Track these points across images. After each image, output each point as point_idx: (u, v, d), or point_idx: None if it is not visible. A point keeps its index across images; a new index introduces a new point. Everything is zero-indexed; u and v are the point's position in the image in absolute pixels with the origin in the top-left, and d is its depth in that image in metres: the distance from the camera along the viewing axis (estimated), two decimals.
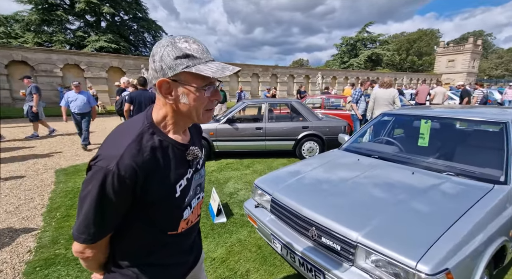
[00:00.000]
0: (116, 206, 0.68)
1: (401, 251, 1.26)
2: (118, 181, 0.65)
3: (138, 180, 0.68)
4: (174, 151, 0.77)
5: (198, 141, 0.93)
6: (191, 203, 0.85)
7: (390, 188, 1.92)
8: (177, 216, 0.81)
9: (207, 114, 0.77)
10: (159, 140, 0.74)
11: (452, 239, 1.29)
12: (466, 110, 2.65)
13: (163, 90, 0.71)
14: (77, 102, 5.73)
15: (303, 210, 1.76)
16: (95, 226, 0.68)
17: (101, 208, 0.66)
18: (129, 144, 0.68)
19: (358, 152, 2.67)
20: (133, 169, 0.66)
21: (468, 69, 37.27)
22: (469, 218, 1.43)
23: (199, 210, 0.94)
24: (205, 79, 0.70)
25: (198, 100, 0.72)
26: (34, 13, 19.82)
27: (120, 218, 0.72)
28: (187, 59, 0.67)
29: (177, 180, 0.77)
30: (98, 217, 0.67)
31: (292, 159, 5.43)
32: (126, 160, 0.66)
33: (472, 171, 1.93)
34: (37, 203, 3.33)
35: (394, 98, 5.19)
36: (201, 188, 0.92)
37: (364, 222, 1.49)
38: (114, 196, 0.66)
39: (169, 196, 0.76)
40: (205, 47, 0.72)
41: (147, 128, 0.74)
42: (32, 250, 2.38)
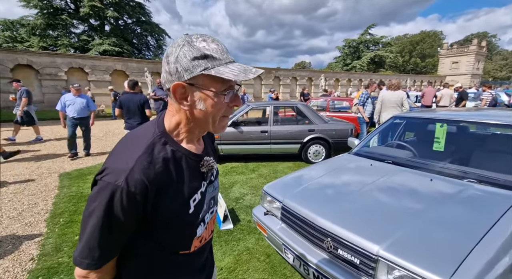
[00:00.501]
0: (125, 226, 0.61)
1: (429, 267, 1.16)
2: (128, 198, 0.58)
3: (149, 197, 0.61)
4: (188, 162, 0.70)
5: (211, 150, 0.86)
6: (205, 218, 0.77)
7: (409, 195, 1.83)
8: (190, 233, 0.72)
9: (223, 121, 0.70)
10: (172, 151, 0.67)
11: (483, 254, 1.19)
12: (484, 114, 2.55)
13: (178, 95, 0.64)
14: (75, 106, 5.16)
15: (317, 219, 1.67)
16: (100, 249, 0.60)
17: (108, 229, 0.59)
18: (139, 156, 0.61)
19: (370, 156, 2.57)
20: (144, 184, 0.59)
21: (473, 71, 36.98)
22: (499, 231, 1.33)
23: (213, 225, 0.86)
24: (225, 82, 0.63)
25: (216, 106, 0.65)
26: (39, 18, 20.03)
27: (128, 238, 0.65)
28: (206, 60, 0.60)
29: (191, 194, 0.70)
30: (105, 238, 0.59)
31: (298, 163, 5.33)
32: (137, 174, 0.59)
33: (495, 177, 1.83)
34: (40, 208, 3.27)
35: (402, 101, 5.09)
36: (214, 201, 0.85)
37: (385, 234, 1.40)
38: (122, 214, 0.59)
39: (182, 212, 0.68)
40: (225, 47, 0.65)
41: (158, 137, 0.67)
42: (35, 258, 2.32)
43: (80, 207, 3.29)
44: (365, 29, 38.56)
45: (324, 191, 2.04)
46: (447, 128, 2.41)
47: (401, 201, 1.76)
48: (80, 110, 5.22)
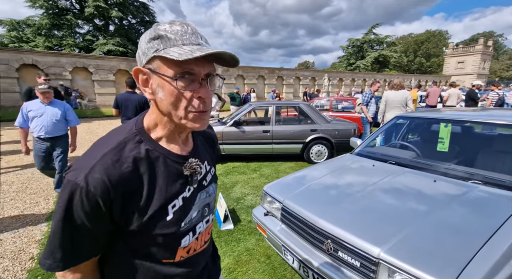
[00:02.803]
0: (89, 230, 0.56)
1: (431, 271, 1.13)
2: (87, 198, 0.53)
3: (115, 199, 0.55)
4: (167, 163, 0.63)
5: (206, 152, 0.78)
6: (196, 227, 0.70)
7: (411, 197, 1.78)
8: (171, 243, 0.65)
9: (194, 116, 0.58)
10: (146, 150, 0.61)
11: (488, 258, 1.15)
12: (489, 114, 2.48)
13: (140, 81, 0.60)
14: (43, 119, 3.16)
15: (317, 220, 1.63)
16: (62, 251, 0.56)
17: (68, 230, 0.55)
18: (105, 153, 0.56)
19: (373, 157, 2.53)
20: (105, 184, 0.53)
21: (479, 71, 36.51)
22: (504, 235, 1.28)
23: (207, 236, 0.77)
24: (181, 66, 0.54)
25: (172, 94, 0.56)
26: (45, 18, 20.21)
27: (99, 243, 0.60)
28: (159, 40, 0.54)
29: (170, 200, 0.62)
30: (65, 240, 0.55)
31: (300, 163, 5.30)
32: (97, 173, 0.54)
33: (501, 179, 1.78)
34: (42, 207, 3.28)
35: (407, 101, 5.02)
36: (210, 209, 0.76)
37: (387, 236, 1.36)
38: (84, 217, 0.54)
39: (157, 219, 0.60)
40: (195, 30, 0.57)
41: (133, 135, 0.61)
42: (34, 257, 2.32)
43: None
44: (369, 28, 38.27)
45: (324, 192, 2.01)
46: (451, 128, 2.36)
47: (403, 202, 1.72)
48: (53, 126, 3.23)
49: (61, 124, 3.35)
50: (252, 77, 22.10)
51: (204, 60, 0.55)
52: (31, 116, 3.16)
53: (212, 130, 0.90)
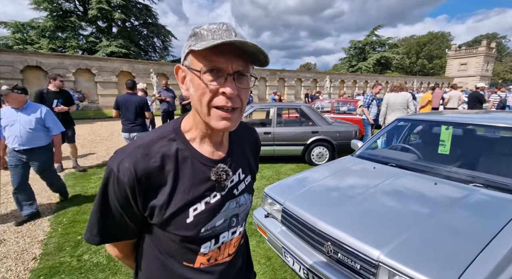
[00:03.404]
0: (119, 213, 0.61)
1: (431, 274, 1.13)
2: (118, 183, 0.57)
3: (139, 191, 0.58)
4: (195, 165, 0.63)
5: (244, 160, 0.74)
6: (219, 236, 0.67)
7: (412, 200, 1.79)
8: (190, 246, 0.64)
9: (216, 114, 0.57)
10: (176, 149, 0.62)
11: (488, 262, 1.15)
12: (492, 116, 2.48)
13: (179, 78, 0.61)
14: (15, 129, 2.73)
15: (317, 222, 1.64)
16: (96, 228, 0.63)
17: (102, 209, 0.61)
18: (138, 146, 0.60)
19: (374, 159, 2.53)
20: (132, 174, 0.56)
21: (482, 73, 36.32)
22: (505, 238, 1.28)
23: (233, 249, 0.73)
24: (209, 60, 0.53)
25: (199, 88, 0.56)
26: (49, 20, 20.42)
27: (128, 229, 0.64)
28: (194, 37, 0.55)
29: (192, 202, 0.62)
30: (99, 218, 0.62)
31: (301, 164, 5.30)
32: (126, 162, 0.57)
33: (503, 182, 1.78)
34: (44, 208, 3.31)
35: (408, 103, 5.02)
36: (238, 220, 0.71)
37: (387, 239, 1.37)
38: (116, 200, 0.59)
39: (177, 219, 0.61)
40: (231, 28, 0.56)
41: (168, 133, 0.64)
42: (37, 257, 2.34)
43: (84, 207, 3.32)
44: (371, 30, 38.25)
45: (325, 194, 2.01)
46: (452, 131, 2.36)
47: (404, 205, 1.72)
48: (27, 136, 2.76)
49: (39, 133, 2.84)
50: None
51: (233, 57, 0.54)
52: (3, 125, 2.72)
53: (259, 136, 0.86)
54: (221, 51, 0.52)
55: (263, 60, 0.57)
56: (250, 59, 0.57)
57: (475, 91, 8.38)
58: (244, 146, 0.77)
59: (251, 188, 0.77)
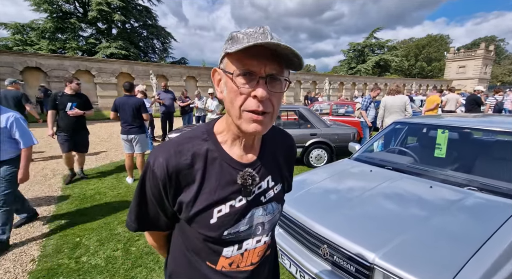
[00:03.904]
0: (152, 203, 0.65)
1: (425, 276, 1.15)
2: (153, 176, 0.61)
3: (170, 185, 0.61)
4: (223, 166, 0.63)
5: (276, 167, 0.73)
6: (243, 242, 0.67)
7: (407, 203, 1.81)
8: (213, 247, 0.65)
9: (247, 117, 0.56)
10: (206, 149, 0.63)
11: (481, 265, 1.17)
12: (488, 120, 2.51)
13: (215, 81, 0.62)
14: None
15: (314, 225, 1.66)
16: (135, 214, 0.68)
17: (139, 198, 0.66)
18: (173, 144, 0.63)
19: (370, 162, 2.56)
20: (164, 169, 0.60)
21: (480, 75, 36.52)
22: (498, 241, 1.31)
23: (257, 258, 0.71)
24: (242, 63, 0.53)
25: (231, 91, 0.56)
26: (49, 21, 20.46)
27: (160, 220, 0.68)
28: (230, 41, 0.55)
29: (216, 203, 0.62)
30: (137, 206, 0.67)
31: (300, 167, 5.31)
32: (161, 158, 0.61)
33: (498, 186, 1.80)
34: (43, 209, 3.31)
35: (405, 105, 5.05)
36: (264, 229, 0.70)
37: (382, 242, 1.39)
38: (150, 191, 0.64)
39: (201, 218, 0.62)
40: (268, 31, 0.54)
41: (201, 133, 0.66)
42: (35, 259, 2.34)
43: (82, 209, 3.33)
44: (370, 32, 38.44)
45: (322, 197, 2.03)
46: (448, 134, 2.39)
47: (399, 208, 1.74)
48: None
49: (4, 146, 2.34)
50: None
51: (267, 60, 0.53)
52: None
53: (295, 144, 0.85)
54: (254, 54, 0.52)
55: (297, 63, 0.55)
56: (285, 63, 0.56)
57: (472, 94, 8.45)
58: (278, 153, 0.75)
59: (281, 197, 0.74)
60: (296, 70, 0.58)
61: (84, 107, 4.12)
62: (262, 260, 0.73)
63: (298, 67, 0.57)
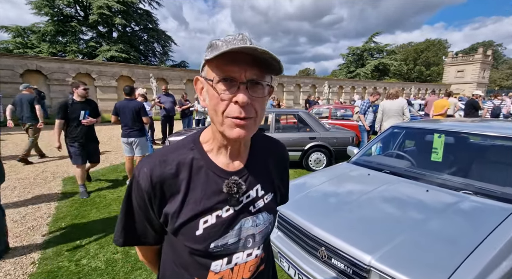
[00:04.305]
0: (139, 215, 0.64)
1: (419, 278, 1.18)
2: (138, 188, 0.61)
3: (155, 195, 0.59)
4: (209, 175, 0.62)
5: (266, 175, 0.70)
6: (232, 256, 0.63)
7: (404, 206, 1.84)
8: (200, 261, 0.62)
9: (230, 123, 0.55)
10: (192, 158, 0.62)
11: (474, 266, 1.20)
12: (483, 125, 2.55)
13: (198, 90, 0.62)
14: None
15: (312, 228, 1.68)
16: (121, 227, 0.66)
17: (126, 211, 0.65)
18: (159, 153, 0.63)
19: (368, 166, 2.59)
20: (149, 179, 0.59)
21: (478, 80, 36.78)
22: (492, 243, 1.33)
23: (248, 273, 0.67)
24: (222, 69, 0.53)
25: (213, 98, 0.55)
26: (50, 25, 20.59)
27: (148, 233, 0.67)
28: (210, 48, 0.55)
29: (202, 213, 0.60)
30: (124, 219, 0.65)
31: (299, 170, 5.34)
32: (145, 168, 0.60)
33: (493, 189, 1.83)
34: (43, 212, 3.33)
35: (403, 110, 5.11)
36: (255, 241, 0.66)
37: (378, 244, 1.41)
38: (136, 202, 0.63)
39: (187, 230, 0.60)
40: (247, 37, 0.55)
41: (188, 142, 0.65)
42: (36, 262, 2.36)
43: (82, 212, 3.34)
44: (369, 37, 38.76)
45: (320, 200, 2.06)
46: (445, 139, 2.42)
47: (396, 211, 1.77)
48: None
49: None
50: None
51: (247, 65, 0.53)
52: None
53: (287, 154, 0.83)
54: (234, 60, 0.52)
55: (277, 68, 0.55)
56: (265, 68, 0.55)
57: (471, 98, 8.52)
58: (269, 161, 0.73)
59: (272, 207, 0.70)
60: (277, 75, 0.58)
61: (94, 115, 3.88)
62: (256, 276, 0.70)
63: (278, 71, 0.57)
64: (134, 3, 22.23)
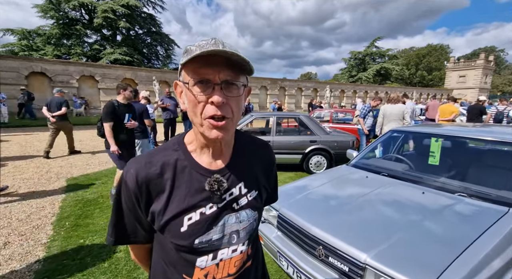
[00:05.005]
0: (128, 215, 0.67)
1: (412, 275, 1.22)
2: (126, 188, 0.64)
3: (141, 195, 0.63)
4: (192, 174, 0.65)
5: (249, 174, 0.73)
6: (217, 252, 0.66)
7: (400, 207, 1.89)
8: (186, 257, 0.65)
9: (208, 124, 0.58)
10: (176, 158, 0.66)
11: (464, 265, 1.25)
12: (480, 130, 2.60)
13: (177, 94, 0.66)
14: None
15: (311, 228, 1.73)
16: (113, 228, 0.69)
17: (116, 211, 0.68)
18: (145, 155, 0.67)
19: (367, 168, 2.64)
20: (135, 180, 0.62)
21: (480, 85, 36.80)
22: (483, 244, 1.38)
23: (234, 269, 0.69)
24: (197, 72, 0.56)
25: (190, 100, 0.59)
26: (55, 28, 20.94)
27: (138, 232, 0.69)
28: (186, 54, 0.57)
29: (186, 210, 0.63)
30: (114, 219, 0.69)
31: (300, 173, 5.39)
32: (132, 169, 0.64)
33: (486, 192, 1.88)
34: (47, 212, 3.39)
35: (403, 114, 5.16)
36: (240, 238, 0.68)
37: (373, 243, 1.46)
38: (125, 202, 0.66)
39: (172, 227, 0.63)
40: (219, 41, 0.57)
41: (173, 144, 0.69)
42: (41, 260, 2.41)
43: (86, 211, 3.40)
44: (371, 42, 38.98)
45: (319, 201, 2.11)
46: (442, 143, 2.48)
47: (392, 212, 1.82)
48: None
49: None
50: (255, 88, 22.44)
51: (220, 67, 0.56)
52: None
53: (272, 154, 0.85)
54: (207, 63, 0.55)
55: (248, 68, 0.59)
56: (239, 69, 0.58)
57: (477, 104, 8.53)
58: (253, 161, 0.76)
59: (255, 204, 0.72)
60: (250, 75, 0.62)
61: (135, 117, 3.78)
62: (242, 272, 0.71)
63: (250, 72, 0.60)
64: (138, 7, 22.58)
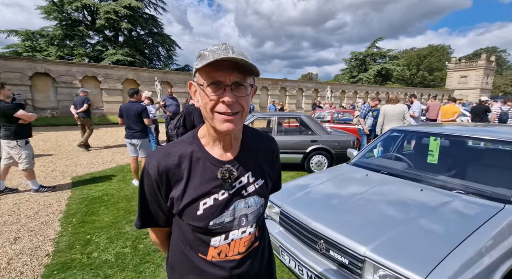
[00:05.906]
0: (151, 201, 0.76)
1: (409, 267, 1.29)
2: (148, 177, 0.73)
3: (162, 183, 0.71)
4: (206, 165, 0.73)
5: (255, 164, 0.81)
6: (229, 233, 0.75)
7: (398, 204, 1.95)
8: (201, 237, 0.74)
9: (219, 118, 0.66)
10: (191, 151, 0.74)
11: (459, 258, 1.31)
12: (477, 129, 2.66)
13: (192, 93, 0.74)
14: None
15: (312, 223, 1.80)
16: (139, 213, 0.79)
17: (140, 197, 0.77)
18: (164, 148, 0.76)
19: (367, 167, 2.70)
20: (156, 169, 0.71)
21: (482, 85, 36.73)
22: (478, 238, 1.44)
23: (243, 248, 0.78)
24: (210, 75, 0.64)
25: (204, 98, 0.67)
26: (58, 29, 21.09)
27: (160, 216, 0.78)
28: (200, 58, 0.66)
29: (202, 196, 0.72)
30: (140, 205, 0.78)
31: (301, 172, 5.45)
32: (153, 160, 0.72)
33: (483, 189, 1.94)
34: (55, 209, 3.47)
35: (404, 114, 5.22)
36: (248, 220, 0.77)
37: (372, 237, 1.53)
38: (147, 189, 0.75)
39: (189, 211, 0.72)
40: (230, 46, 0.65)
41: (187, 138, 0.77)
42: (50, 254, 2.49)
43: (91, 209, 3.48)
44: (372, 42, 39.01)
45: (320, 198, 2.18)
46: (441, 142, 2.54)
47: (391, 208, 1.88)
48: None
49: None
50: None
51: (230, 70, 0.64)
52: None
53: (276, 146, 0.93)
54: (219, 67, 0.62)
55: (255, 71, 0.67)
56: (246, 71, 0.66)
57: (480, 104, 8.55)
58: (259, 153, 0.84)
59: (262, 192, 0.81)
60: (257, 76, 0.70)
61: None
62: (250, 251, 0.80)
63: (256, 74, 0.68)
64: (140, 8, 22.67)
